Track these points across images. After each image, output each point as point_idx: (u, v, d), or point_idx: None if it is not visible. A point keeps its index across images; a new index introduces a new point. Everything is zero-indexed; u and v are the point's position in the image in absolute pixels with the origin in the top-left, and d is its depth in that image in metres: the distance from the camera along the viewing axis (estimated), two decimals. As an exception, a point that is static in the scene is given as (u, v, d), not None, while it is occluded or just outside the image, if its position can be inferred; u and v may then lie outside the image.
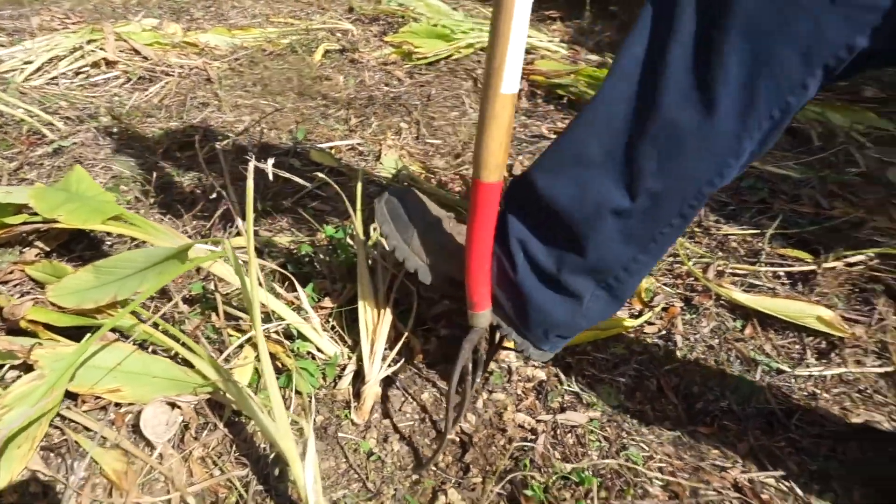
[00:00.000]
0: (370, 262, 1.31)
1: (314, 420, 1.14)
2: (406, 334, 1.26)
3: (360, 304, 1.21)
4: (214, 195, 1.67)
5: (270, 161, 0.87)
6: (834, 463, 1.18)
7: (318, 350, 1.23)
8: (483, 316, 1.00)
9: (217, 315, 1.27)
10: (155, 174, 1.85)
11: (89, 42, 2.60)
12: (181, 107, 2.29)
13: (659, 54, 0.78)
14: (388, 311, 1.21)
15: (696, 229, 1.73)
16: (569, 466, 1.11)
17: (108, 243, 1.56)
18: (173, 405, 1.13)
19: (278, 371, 1.20)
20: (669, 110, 0.79)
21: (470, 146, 2.18)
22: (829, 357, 1.36)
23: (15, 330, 1.23)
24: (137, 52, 2.65)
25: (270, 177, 0.89)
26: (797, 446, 1.21)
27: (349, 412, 1.15)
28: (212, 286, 1.40)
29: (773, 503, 1.10)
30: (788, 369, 1.34)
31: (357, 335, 1.22)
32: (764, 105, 0.76)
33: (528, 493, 1.05)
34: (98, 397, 1.14)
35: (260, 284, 1.27)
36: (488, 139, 0.84)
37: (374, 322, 1.20)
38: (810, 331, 1.41)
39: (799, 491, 1.12)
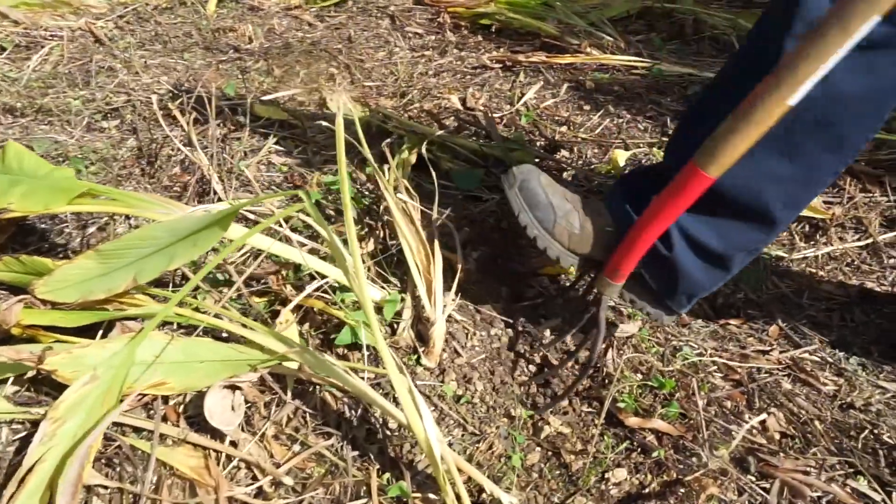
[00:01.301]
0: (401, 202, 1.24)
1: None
2: (459, 269, 1.22)
3: (405, 246, 1.15)
4: (181, 163, 1.51)
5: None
6: (846, 330, 1.30)
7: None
8: (618, 288, 1.03)
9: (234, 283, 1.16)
10: (89, 149, 1.63)
11: (-60, 9, 2.22)
12: (85, 73, 2.02)
13: None
14: (438, 249, 1.16)
15: (664, 139, 1.79)
16: (640, 375, 1.15)
17: (70, 228, 1.37)
18: (232, 387, 1.03)
19: (331, 328, 1.13)
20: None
21: (412, 83, 2.11)
22: (815, 238, 1.49)
23: (6, 339, 1.06)
24: (5, 17, 2.29)
25: (335, 131, 0.80)
26: (814, 321, 1.31)
27: (419, 357, 1.11)
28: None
29: (815, 373, 1.19)
30: (786, 254, 1.45)
31: (401, 278, 1.16)
32: None
33: (621, 405, 1.07)
34: (141, 395, 1.02)
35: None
36: (740, 141, 0.80)
37: (425, 262, 1.15)
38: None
39: (830, 359, 1.23)
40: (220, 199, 1.45)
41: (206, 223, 0.98)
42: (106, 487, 0.94)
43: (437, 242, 1.18)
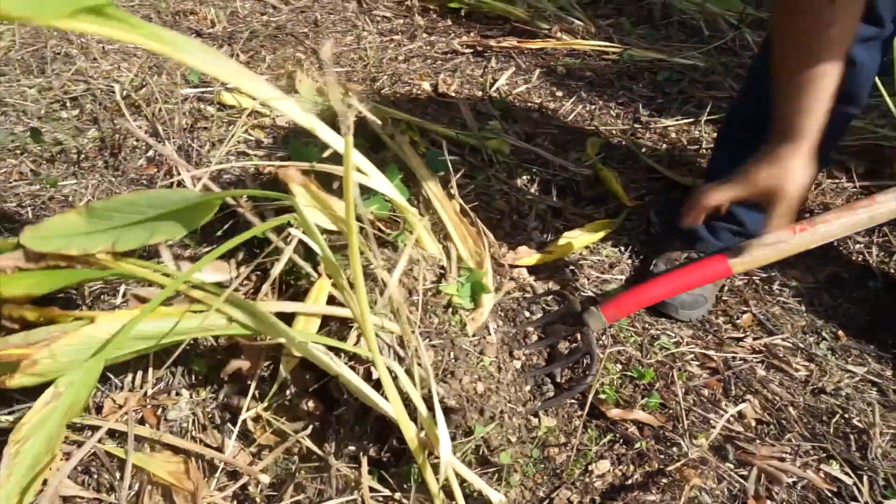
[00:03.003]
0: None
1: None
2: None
3: (445, 218, 1.15)
4: (146, 154, 1.46)
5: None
6: (816, 315, 1.33)
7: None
8: (604, 324, 1.14)
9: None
10: (49, 140, 1.57)
11: None
12: (40, 60, 1.93)
13: None
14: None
15: (636, 125, 1.80)
16: (619, 366, 1.16)
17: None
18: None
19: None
20: None
21: (381, 69, 2.08)
22: (785, 225, 1.51)
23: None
24: (-50, -1, 2.18)
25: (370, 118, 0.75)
26: (785, 307, 1.34)
27: (460, 318, 1.07)
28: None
29: (787, 359, 1.22)
30: (757, 241, 1.47)
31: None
32: None
33: (603, 396, 1.08)
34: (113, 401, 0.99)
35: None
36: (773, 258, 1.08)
37: (468, 237, 1.15)
38: (765, 204, 1.54)
39: (801, 345, 1.26)
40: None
41: (192, 203, 0.94)
42: (84, 498, 0.92)
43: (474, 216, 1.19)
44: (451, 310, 1.05)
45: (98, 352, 0.89)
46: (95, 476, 0.94)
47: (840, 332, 1.29)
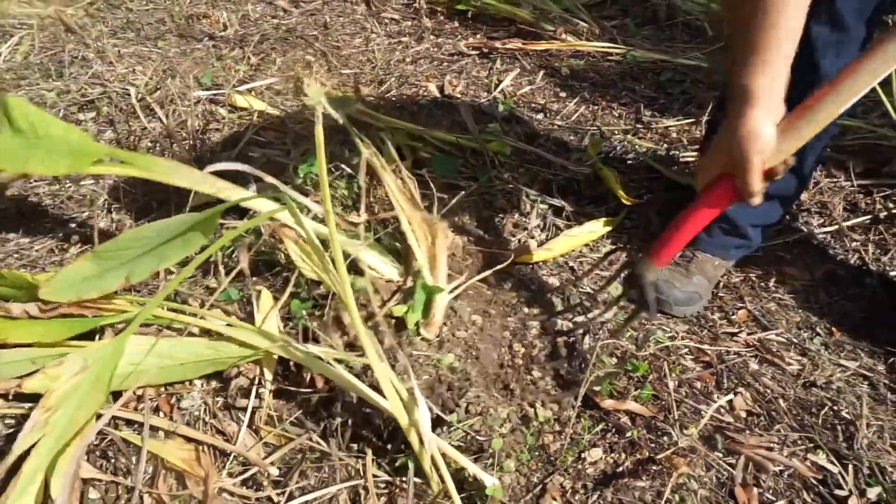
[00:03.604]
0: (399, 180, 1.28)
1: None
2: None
3: (404, 221, 1.19)
4: (161, 155, 1.51)
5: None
6: (811, 312, 1.36)
7: (371, 269, 1.19)
8: (657, 271, 1.09)
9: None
10: (66, 142, 1.62)
11: None
12: (58, 64, 2.00)
13: None
14: (442, 224, 1.20)
15: (638, 125, 1.83)
16: (615, 360, 1.20)
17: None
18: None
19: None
20: None
21: (389, 71, 2.12)
22: (783, 223, 1.54)
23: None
24: (-28, 5, 2.25)
25: (337, 121, 0.81)
26: (781, 303, 1.37)
27: (419, 328, 1.13)
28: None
29: (781, 353, 1.25)
30: (754, 239, 1.50)
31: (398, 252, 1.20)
32: None
33: (597, 388, 1.12)
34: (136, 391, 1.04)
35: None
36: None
37: (427, 237, 1.18)
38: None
39: (795, 340, 1.29)
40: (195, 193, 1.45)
41: (194, 223, 0.99)
42: (101, 481, 0.97)
43: (437, 214, 1.22)
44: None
45: (120, 334, 0.95)
46: (112, 460, 0.99)
47: (834, 329, 1.32)
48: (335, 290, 0.92)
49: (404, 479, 0.96)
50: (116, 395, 1.05)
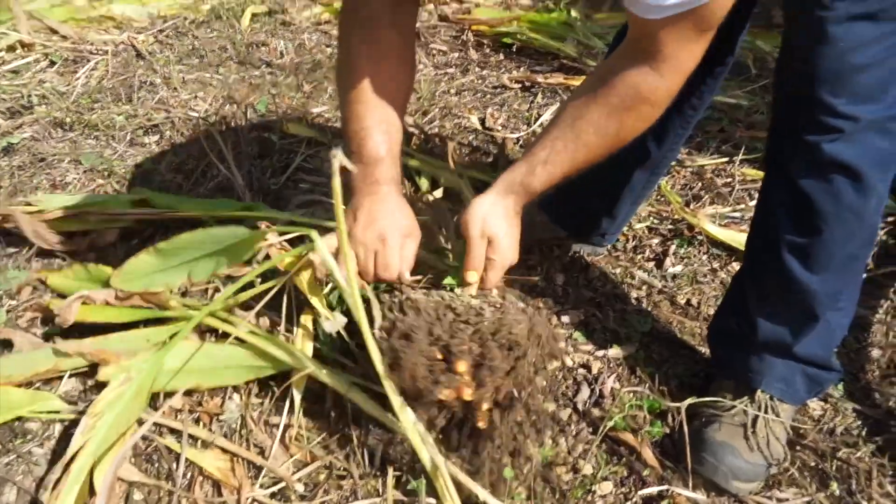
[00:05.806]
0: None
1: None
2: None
3: None
4: (215, 179, 1.63)
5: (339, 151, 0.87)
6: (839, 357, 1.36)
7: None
8: None
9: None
10: (132, 164, 1.76)
11: (-3, 24, 2.38)
12: (128, 89, 2.15)
13: None
14: None
15: (672, 163, 1.86)
16: (632, 395, 1.24)
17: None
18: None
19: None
20: None
21: (433, 101, 2.21)
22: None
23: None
24: (54, 31, 2.45)
25: (346, 165, 0.89)
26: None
27: None
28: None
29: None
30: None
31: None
32: None
33: (610, 423, 1.16)
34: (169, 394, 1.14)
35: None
36: None
37: None
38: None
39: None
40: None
41: (241, 238, 1.09)
42: (145, 484, 1.06)
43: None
44: None
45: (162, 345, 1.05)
46: (156, 465, 1.09)
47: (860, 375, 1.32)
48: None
49: (417, 500, 1.02)
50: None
